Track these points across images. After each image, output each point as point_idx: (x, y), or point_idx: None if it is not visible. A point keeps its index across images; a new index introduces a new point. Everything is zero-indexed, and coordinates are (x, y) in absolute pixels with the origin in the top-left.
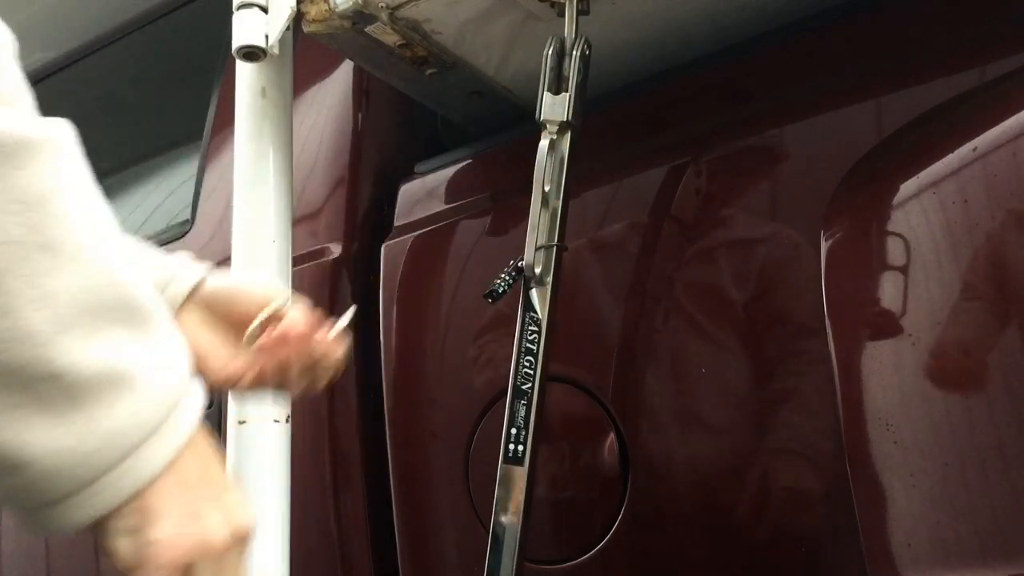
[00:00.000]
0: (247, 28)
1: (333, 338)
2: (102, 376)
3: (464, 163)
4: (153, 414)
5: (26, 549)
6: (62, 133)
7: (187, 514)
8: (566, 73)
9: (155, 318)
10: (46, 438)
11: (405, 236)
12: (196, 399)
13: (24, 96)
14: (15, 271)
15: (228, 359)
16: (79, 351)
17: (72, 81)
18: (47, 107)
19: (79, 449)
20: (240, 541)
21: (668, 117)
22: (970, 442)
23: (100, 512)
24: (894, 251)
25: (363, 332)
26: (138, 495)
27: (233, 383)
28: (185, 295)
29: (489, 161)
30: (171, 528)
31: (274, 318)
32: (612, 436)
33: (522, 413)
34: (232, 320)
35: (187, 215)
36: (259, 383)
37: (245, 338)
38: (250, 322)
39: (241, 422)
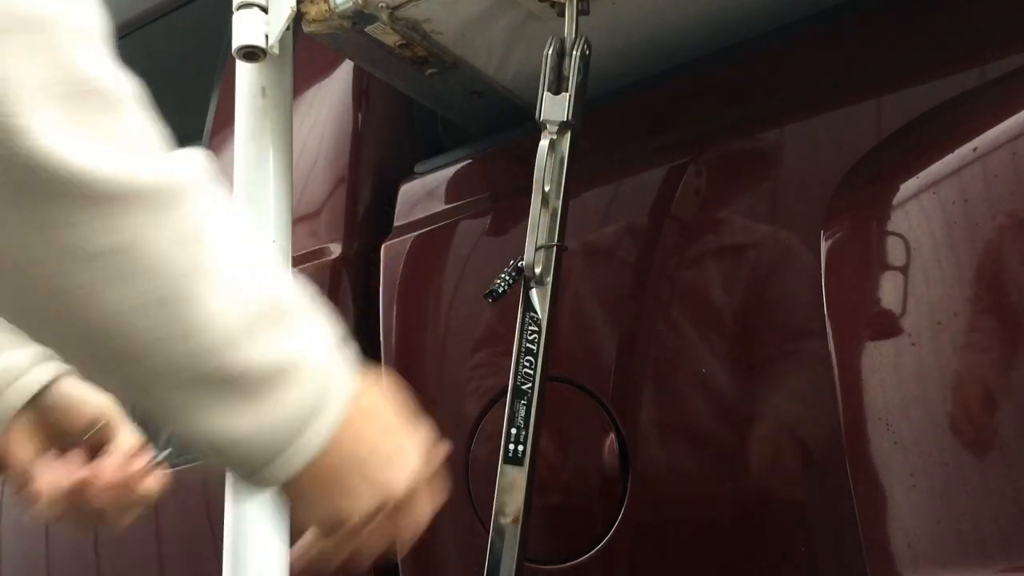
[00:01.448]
0: (247, 28)
1: (147, 474)
2: (275, 370)
3: (464, 163)
4: (314, 394)
5: (26, 549)
6: (198, 166)
7: (361, 470)
8: (566, 73)
9: (299, 314)
10: (245, 424)
11: (405, 236)
12: (344, 373)
13: (158, 138)
14: (191, 298)
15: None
16: (255, 354)
17: None
18: None
19: (268, 429)
20: (420, 478)
21: (668, 117)
22: (970, 442)
23: (287, 476)
24: (894, 251)
25: (363, 332)
26: (315, 459)
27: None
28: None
29: (489, 161)
30: (354, 483)
31: (97, 439)
32: (612, 436)
33: (522, 413)
34: (58, 433)
35: None
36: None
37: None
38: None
39: None
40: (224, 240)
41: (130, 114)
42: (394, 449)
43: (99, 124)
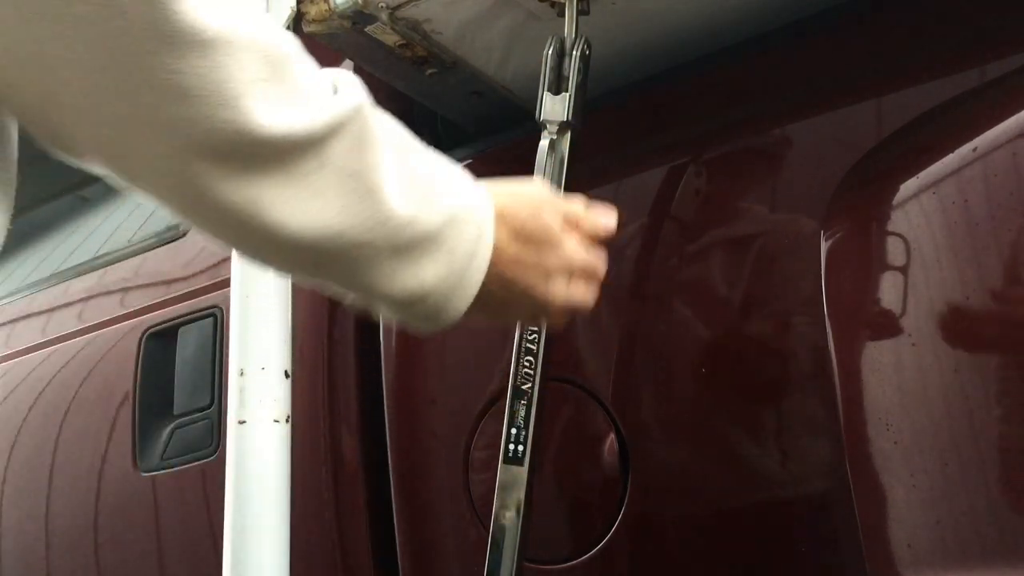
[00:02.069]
0: None
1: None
2: (443, 225)
3: (464, 163)
4: (474, 231)
5: (26, 549)
6: (354, 98)
7: (529, 267)
8: (566, 73)
9: (446, 177)
10: (432, 272)
11: None
12: (484, 204)
13: (315, 77)
14: (378, 190)
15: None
16: (430, 219)
17: None
18: None
19: (449, 269)
20: (573, 267)
21: (668, 117)
22: (970, 442)
23: (470, 300)
24: (894, 251)
25: (363, 332)
26: (489, 275)
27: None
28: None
29: (489, 161)
30: (529, 277)
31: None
32: (612, 436)
33: (522, 413)
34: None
35: None
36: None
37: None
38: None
39: (241, 422)
40: (385, 140)
41: (291, 68)
42: (553, 235)
43: (282, 87)
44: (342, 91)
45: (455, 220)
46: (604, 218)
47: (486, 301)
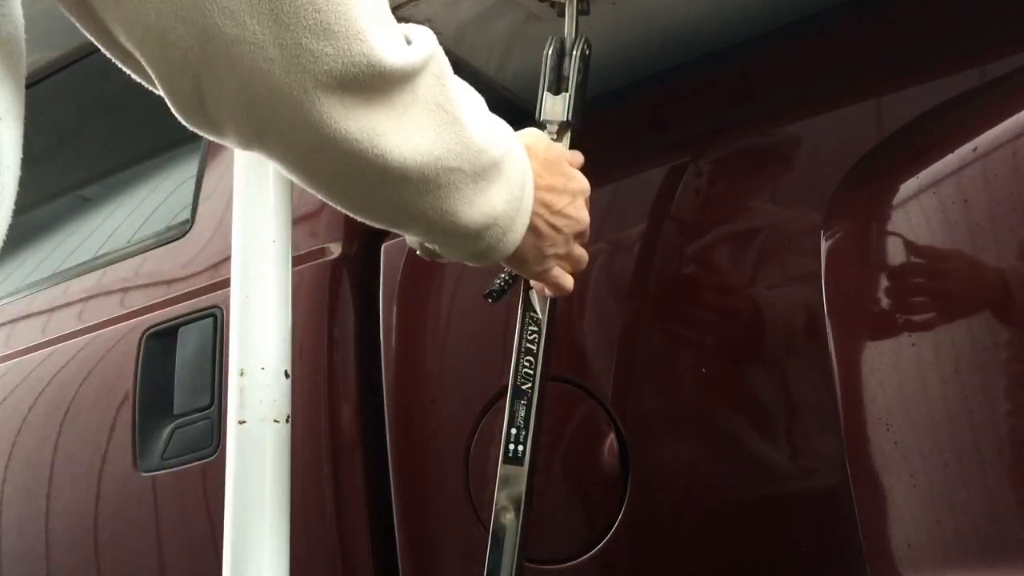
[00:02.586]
0: None
1: None
2: (503, 157)
3: None
4: (521, 164)
5: (26, 549)
6: (431, 41)
7: (563, 201)
8: (566, 73)
9: (498, 118)
10: (500, 198)
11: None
12: (518, 141)
13: (391, 21)
14: (460, 120)
15: None
16: (496, 149)
17: (72, 81)
18: (47, 107)
19: (511, 195)
20: (587, 191)
21: (668, 117)
22: (970, 442)
23: (523, 230)
24: (894, 251)
25: (363, 332)
26: (535, 202)
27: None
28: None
29: None
30: (562, 218)
31: None
32: (612, 436)
33: (522, 413)
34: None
35: (187, 215)
36: None
37: None
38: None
39: (241, 422)
40: (454, 84)
41: (387, 13)
42: (566, 166)
43: (387, 28)
44: (418, 37)
45: (510, 152)
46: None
47: (533, 230)
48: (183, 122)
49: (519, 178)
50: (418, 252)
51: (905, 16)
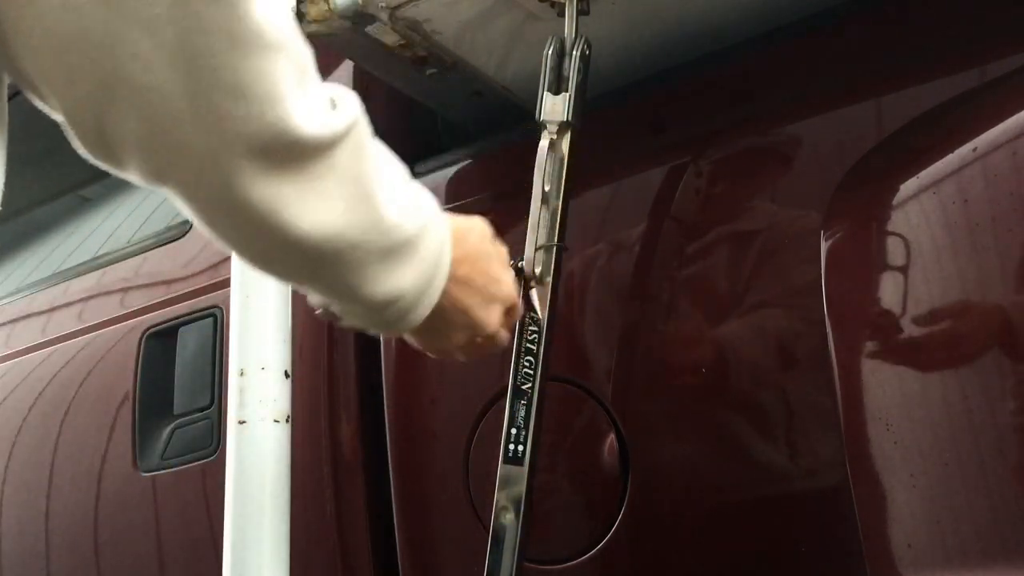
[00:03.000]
0: None
1: None
2: (417, 234)
3: (464, 163)
4: (438, 241)
5: (26, 549)
6: (356, 109)
7: (480, 288)
8: (566, 73)
9: (419, 192)
10: (409, 275)
11: None
12: (443, 219)
13: (322, 87)
14: (374, 196)
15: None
16: (410, 226)
17: None
18: None
19: (420, 275)
20: (507, 300)
21: (668, 117)
22: (970, 442)
23: (431, 306)
24: (894, 251)
25: (363, 332)
26: (447, 288)
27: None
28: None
29: (489, 161)
30: (477, 300)
31: None
32: (612, 436)
33: (522, 413)
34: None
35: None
36: None
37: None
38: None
39: (241, 422)
40: (376, 151)
41: (312, 76)
42: (496, 267)
43: (309, 93)
44: (342, 102)
45: (427, 228)
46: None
47: (436, 314)
48: (81, 152)
49: (433, 257)
50: (318, 312)
51: (905, 16)
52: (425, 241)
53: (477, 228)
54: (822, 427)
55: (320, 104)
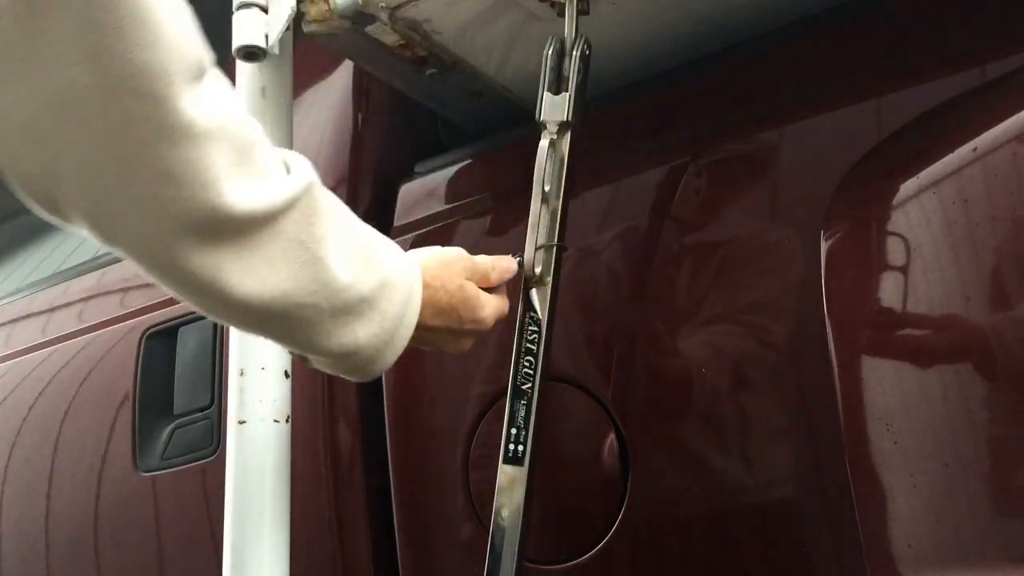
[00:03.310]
0: (247, 28)
1: None
2: (376, 292)
3: (464, 163)
4: (402, 296)
5: (26, 549)
6: (305, 177)
7: (447, 337)
8: (566, 73)
9: (379, 247)
10: (364, 332)
11: (405, 236)
12: (413, 270)
13: (272, 159)
14: (322, 259)
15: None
16: (364, 286)
17: None
18: None
19: (381, 328)
20: (483, 329)
21: (668, 117)
22: (970, 442)
23: (397, 355)
24: (894, 251)
25: None
26: (418, 330)
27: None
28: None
29: (489, 161)
30: (446, 343)
31: None
32: (612, 436)
33: (522, 413)
34: None
35: None
36: None
37: None
38: None
39: (241, 422)
40: (331, 214)
41: (257, 152)
42: (471, 309)
43: (248, 170)
44: (295, 169)
45: (387, 284)
46: (506, 265)
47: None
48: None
49: (396, 311)
50: (289, 351)
51: (905, 16)
52: (384, 299)
53: (456, 268)
54: (822, 427)
55: (262, 178)
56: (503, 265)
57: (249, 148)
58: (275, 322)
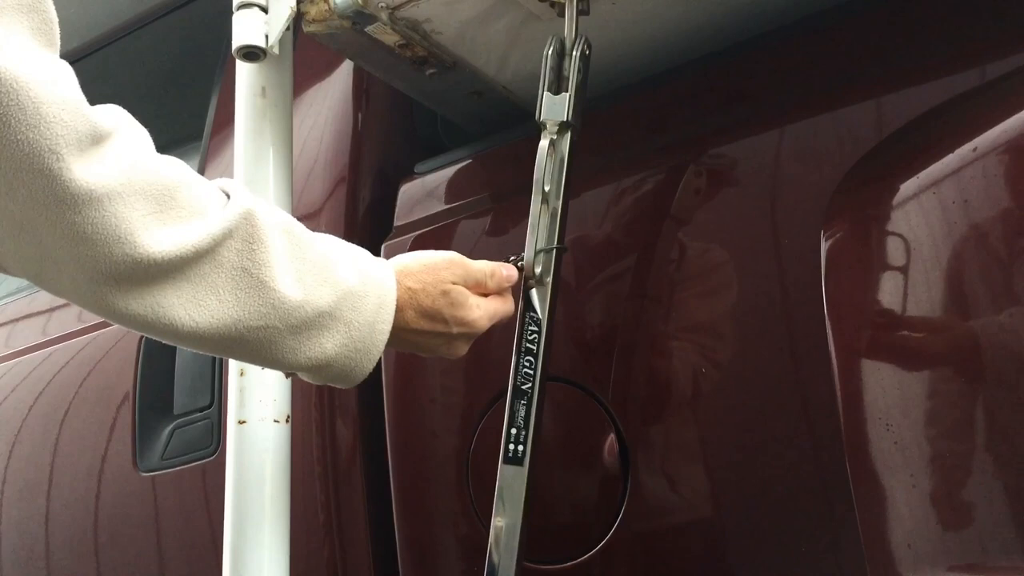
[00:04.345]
0: (247, 28)
1: None
2: (336, 304)
3: (464, 163)
4: (371, 304)
5: (26, 549)
6: (241, 206)
7: (428, 339)
8: (566, 73)
9: (337, 259)
10: (331, 345)
11: (405, 236)
12: (384, 277)
13: (207, 191)
14: (269, 282)
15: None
16: (322, 300)
17: None
18: None
19: (348, 338)
20: (477, 332)
21: (668, 117)
22: (970, 442)
23: (374, 362)
24: (894, 251)
25: None
26: (395, 339)
27: None
28: None
29: (489, 161)
30: (429, 345)
31: None
32: (612, 436)
33: (522, 413)
34: None
35: None
36: None
37: None
38: None
39: (241, 422)
40: (274, 237)
41: (187, 190)
42: (462, 312)
43: (174, 212)
44: (233, 198)
45: (350, 296)
46: (506, 273)
47: (393, 346)
48: None
49: (365, 319)
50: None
51: (905, 16)
52: (348, 308)
53: (442, 272)
54: (822, 427)
55: (187, 218)
56: (503, 273)
57: (169, 193)
58: (235, 346)
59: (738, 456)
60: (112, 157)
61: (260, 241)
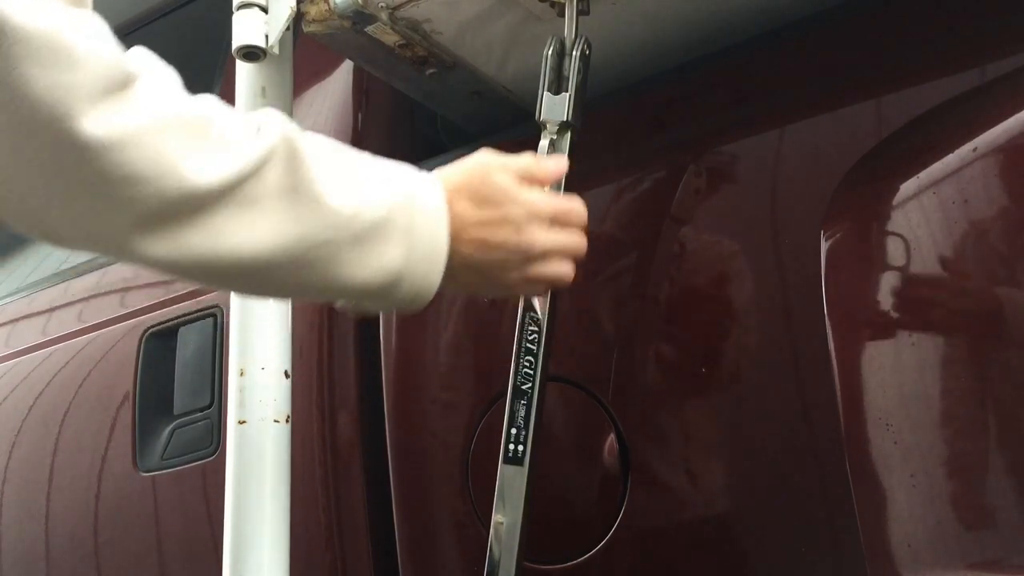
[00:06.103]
0: (247, 28)
1: None
2: (392, 209)
3: None
4: (425, 208)
5: (26, 549)
6: (277, 129)
7: (492, 245)
8: (566, 73)
9: (382, 172)
10: (399, 253)
11: None
12: (430, 183)
13: (235, 124)
14: (320, 198)
15: None
16: (372, 204)
17: None
18: None
19: (412, 248)
20: (542, 213)
21: (668, 117)
22: (970, 442)
23: (441, 273)
24: (894, 251)
25: (363, 332)
26: (460, 243)
27: None
28: None
29: None
30: (494, 255)
31: None
32: (612, 436)
33: (522, 413)
34: None
35: None
36: None
37: None
38: None
39: (241, 422)
40: (315, 154)
41: (221, 121)
42: (506, 193)
43: (212, 143)
44: (265, 127)
45: (402, 204)
46: (553, 165)
47: (465, 269)
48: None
49: (422, 224)
50: (338, 307)
51: (904, 15)
52: (404, 213)
53: (473, 171)
54: (822, 427)
55: (226, 146)
56: (548, 164)
57: (204, 126)
58: (299, 268)
59: (738, 456)
60: (143, 96)
61: (301, 159)
